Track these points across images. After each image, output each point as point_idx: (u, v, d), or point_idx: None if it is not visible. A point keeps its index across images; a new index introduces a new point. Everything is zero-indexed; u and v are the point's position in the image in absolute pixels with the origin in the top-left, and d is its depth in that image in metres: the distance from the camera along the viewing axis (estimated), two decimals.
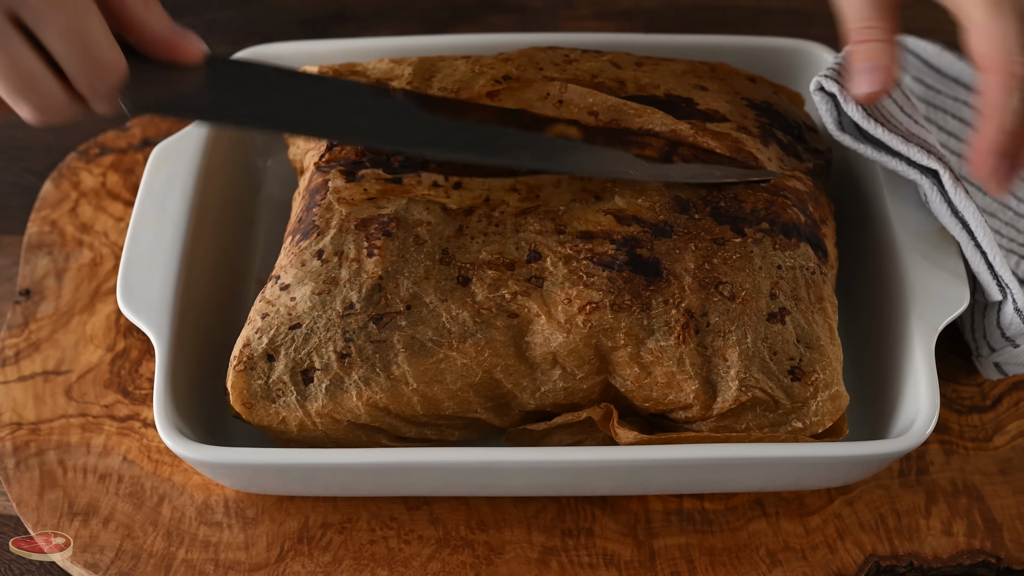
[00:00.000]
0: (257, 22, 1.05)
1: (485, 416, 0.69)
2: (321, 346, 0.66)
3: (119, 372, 0.78)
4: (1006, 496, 0.73)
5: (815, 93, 0.74)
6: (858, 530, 0.72)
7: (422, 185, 0.70)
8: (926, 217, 0.76)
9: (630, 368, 0.67)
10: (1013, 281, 0.72)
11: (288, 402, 0.66)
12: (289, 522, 0.72)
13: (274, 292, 0.68)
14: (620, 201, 0.69)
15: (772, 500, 0.73)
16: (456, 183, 0.70)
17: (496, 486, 0.70)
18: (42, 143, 0.93)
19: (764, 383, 0.66)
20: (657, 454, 0.66)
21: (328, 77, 0.69)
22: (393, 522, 0.72)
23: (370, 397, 0.66)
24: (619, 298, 0.66)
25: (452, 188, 0.70)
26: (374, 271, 0.67)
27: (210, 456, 0.66)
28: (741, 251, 0.68)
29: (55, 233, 0.86)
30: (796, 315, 0.67)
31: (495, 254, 0.67)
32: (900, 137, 0.73)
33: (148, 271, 0.73)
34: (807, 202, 0.72)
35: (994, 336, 0.75)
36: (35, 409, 0.76)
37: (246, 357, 0.66)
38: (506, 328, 0.66)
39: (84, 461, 0.74)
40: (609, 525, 0.72)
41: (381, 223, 0.68)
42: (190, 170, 0.78)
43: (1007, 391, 0.78)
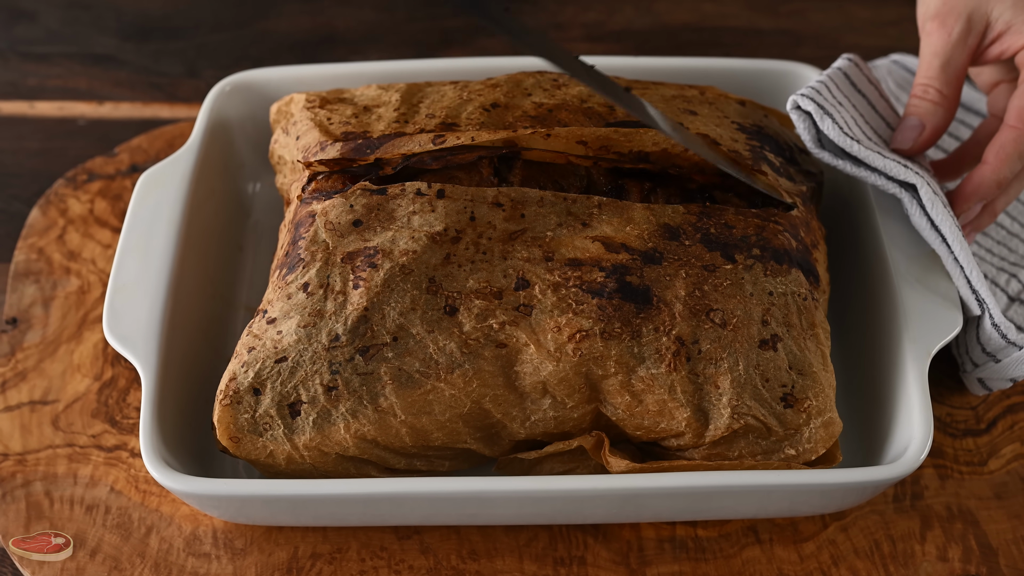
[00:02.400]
0: (247, 46, 1.05)
1: (475, 446, 0.68)
2: (307, 379, 0.65)
3: (106, 401, 0.78)
4: (1001, 521, 0.73)
5: (792, 112, 0.75)
6: (852, 556, 0.71)
7: (406, 194, 0.69)
8: (918, 239, 0.75)
9: (621, 396, 0.66)
10: (990, 297, 0.72)
11: (275, 435, 0.65)
12: (278, 553, 0.71)
13: (261, 326, 0.68)
14: (608, 228, 0.69)
15: (766, 527, 0.72)
16: (439, 191, 0.69)
17: (487, 515, 0.70)
18: (29, 169, 0.93)
19: (756, 410, 0.65)
20: (649, 482, 0.65)
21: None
22: (383, 552, 0.71)
23: (358, 429, 0.65)
24: (609, 326, 0.65)
25: (435, 197, 0.69)
26: (359, 303, 0.66)
27: (197, 488, 0.65)
28: (732, 278, 0.68)
29: (42, 261, 0.85)
30: (788, 342, 0.67)
31: (482, 282, 0.67)
32: (878, 153, 0.73)
33: (135, 300, 0.72)
34: (799, 227, 0.72)
35: (976, 352, 0.75)
36: (21, 439, 0.76)
37: (232, 391, 0.66)
38: (494, 358, 0.66)
39: (71, 492, 0.73)
40: (601, 553, 0.71)
41: (367, 255, 0.68)
42: (178, 197, 0.77)
43: (1001, 414, 0.78)
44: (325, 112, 0.76)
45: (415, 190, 0.70)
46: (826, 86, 0.76)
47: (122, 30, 1.06)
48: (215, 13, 1.08)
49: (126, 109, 0.99)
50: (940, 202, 0.72)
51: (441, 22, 1.07)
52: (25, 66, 1.02)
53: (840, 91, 0.77)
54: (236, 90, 0.86)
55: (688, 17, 1.05)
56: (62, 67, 1.02)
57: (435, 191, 0.69)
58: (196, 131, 0.82)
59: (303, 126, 0.75)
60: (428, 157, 0.71)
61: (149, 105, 0.99)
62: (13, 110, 0.99)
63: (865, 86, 0.80)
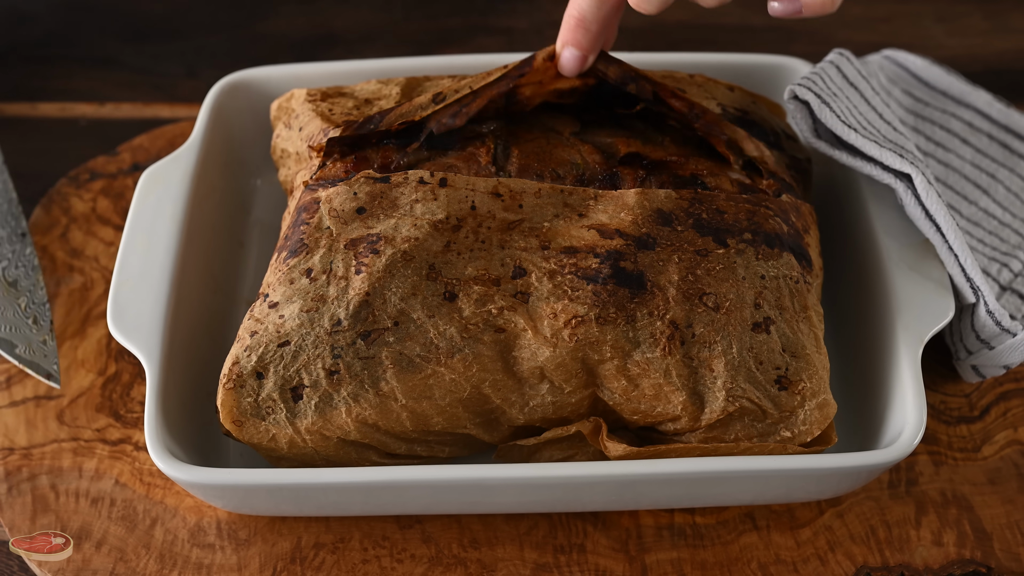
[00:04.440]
0: (246, 47, 1.06)
1: (475, 432, 0.69)
2: (310, 363, 0.66)
3: (110, 396, 0.78)
4: (995, 506, 0.74)
5: (789, 102, 0.76)
6: (849, 542, 0.72)
7: (408, 183, 0.70)
8: (911, 227, 0.76)
9: (617, 381, 0.67)
10: (984, 284, 0.73)
11: (278, 419, 0.66)
12: (282, 543, 0.72)
13: (263, 310, 0.68)
14: (603, 216, 0.70)
15: (763, 513, 0.73)
16: (442, 179, 0.70)
17: (488, 503, 0.70)
18: (32, 169, 0.94)
19: (751, 393, 0.66)
20: (647, 468, 0.66)
21: None
22: (385, 541, 0.72)
23: (359, 413, 0.66)
24: (604, 311, 0.66)
25: (438, 185, 0.70)
26: (361, 288, 0.67)
27: (201, 477, 0.66)
28: (724, 262, 0.69)
29: (46, 258, 0.86)
30: (781, 324, 0.68)
31: (481, 270, 0.68)
32: (874, 143, 0.74)
33: (138, 295, 0.73)
34: (789, 212, 0.73)
35: (970, 339, 0.76)
36: (27, 434, 0.77)
37: (235, 375, 0.67)
38: (493, 343, 0.67)
39: (76, 485, 0.74)
40: (601, 541, 0.72)
41: (370, 241, 0.69)
42: (179, 194, 0.78)
43: (995, 401, 0.79)
44: (327, 104, 0.77)
45: (418, 179, 0.71)
46: (821, 77, 0.77)
47: (123, 32, 1.07)
48: (214, 15, 1.09)
49: (127, 109, 1.00)
50: (934, 191, 0.73)
51: (439, 21, 1.08)
52: (27, 68, 1.03)
53: (834, 83, 0.78)
54: (236, 88, 0.86)
55: (682, 15, 1.06)
56: (63, 68, 1.03)
57: (437, 180, 0.70)
58: (197, 129, 0.83)
59: (305, 118, 0.76)
60: (447, 117, 0.72)
61: (150, 105, 1.00)
62: (16, 111, 0.99)
63: (857, 79, 0.81)
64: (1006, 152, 0.87)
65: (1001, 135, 0.88)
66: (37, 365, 0.76)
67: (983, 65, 1.05)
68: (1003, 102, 0.89)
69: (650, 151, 0.73)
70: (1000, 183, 0.86)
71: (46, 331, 0.76)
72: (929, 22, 1.09)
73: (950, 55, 1.05)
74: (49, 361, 0.76)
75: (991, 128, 0.88)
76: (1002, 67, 1.05)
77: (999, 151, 0.87)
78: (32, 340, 0.75)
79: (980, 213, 0.84)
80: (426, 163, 0.72)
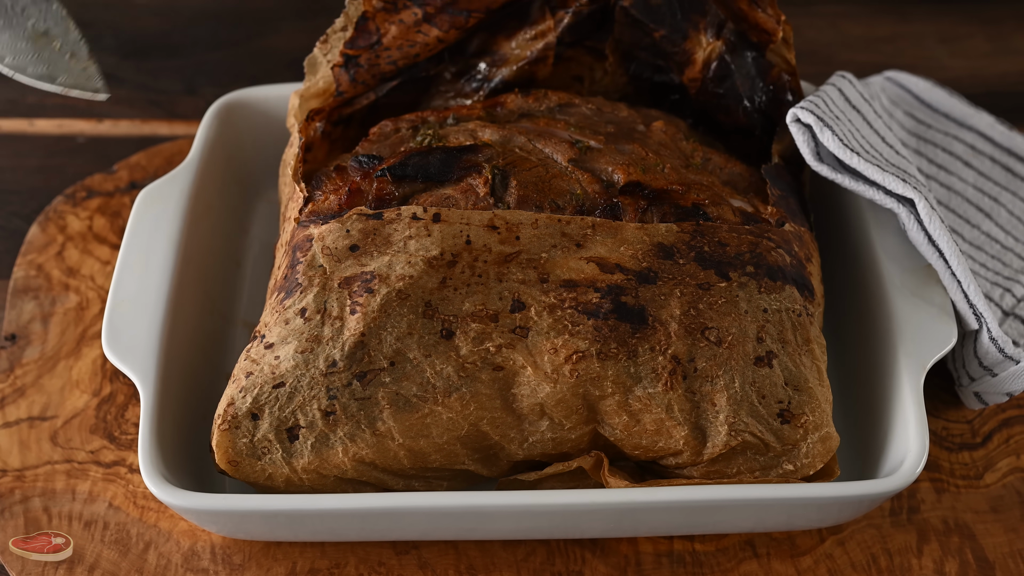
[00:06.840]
0: (244, 64, 1.06)
1: (473, 467, 0.68)
2: (305, 404, 0.66)
3: (105, 417, 0.78)
4: (998, 534, 0.73)
5: (792, 124, 0.75)
6: (850, 570, 0.71)
7: (402, 219, 0.70)
8: (913, 252, 0.76)
9: (619, 416, 0.66)
10: (988, 310, 0.72)
11: (274, 459, 0.66)
12: (276, 568, 0.71)
13: (259, 351, 0.68)
14: (602, 249, 0.69)
15: (763, 541, 0.72)
16: (435, 215, 0.70)
17: (485, 530, 0.70)
18: (28, 186, 0.93)
19: (754, 427, 0.66)
20: (646, 496, 0.65)
21: None
22: (382, 567, 0.71)
23: (356, 453, 0.65)
24: (605, 346, 0.66)
25: (431, 221, 0.69)
26: (356, 328, 0.66)
27: (196, 503, 0.66)
28: (727, 296, 0.68)
29: (41, 277, 0.86)
30: (784, 358, 0.67)
31: (479, 305, 0.67)
32: (876, 167, 0.74)
33: (134, 316, 0.72)
34: (792, 242, 0.72)
35: (972, 365, 0.75)
36: (20, 455, 0.76)
37: (230, 416, 0.66)
38: (491, 381, 0.66)
39: (69, 507, 0.73)
40: (599, 568, 0.71)
41: (364, 280, 0.68)
42: (176, 213, 0.78)
43: (997, 428, 0.78)
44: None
45: (411, 214, 0.70)
46: (823, 100, 0.77)
47: (121, 48, 1.07)
48: (213, 31, 1.09)
49: (125, 126, 1.00)
50: (937, 216, 0.73)
51: None
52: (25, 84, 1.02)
53: (836, 106, 0.78)
54: (234, 108, 0.86)
55: None
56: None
57: (431, 215, 0.70)
58: (195, 148, 0.82)
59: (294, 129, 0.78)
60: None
61: (148, 122, 1.00)
62: (12, 127, 0.99)
63: (859, 102, 0.81)
64: (1008, 175, 0.87)
65: (1003, 158, 0.88)
66: (82, 86, 0.76)
67: (986, 87, 1.04)
68: (1006, 125, 0.88)
69: (651, 179, 0.72)
70: (1003, 206, 0.86)
71: (85, 60, 0.76)
72: (932, 43, 1.09)
73: (953, 76, 1.04)
74: (93, 81, 0.76)
75: (993, 151, 0.88)
76: (1005, 89, 1.04)
77: (1001, 174, 0.87)
78: (72, 70, 0.76)
79: (982, 237, 0.84)
80: (423, 195, 0.72)
